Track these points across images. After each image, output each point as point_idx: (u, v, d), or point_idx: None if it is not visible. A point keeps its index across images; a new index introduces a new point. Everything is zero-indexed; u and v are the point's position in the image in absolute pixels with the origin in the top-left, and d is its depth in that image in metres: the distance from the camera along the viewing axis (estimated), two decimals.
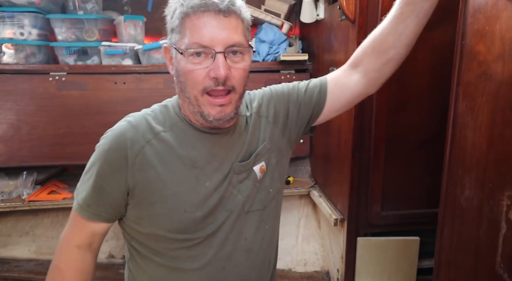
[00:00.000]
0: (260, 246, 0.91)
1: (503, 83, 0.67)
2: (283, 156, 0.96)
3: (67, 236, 0.90)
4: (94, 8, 1.93)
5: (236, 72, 0.77)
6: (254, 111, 0.93)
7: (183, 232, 0.83)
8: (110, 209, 0.85)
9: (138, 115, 0.86)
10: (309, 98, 0.94)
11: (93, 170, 0.83)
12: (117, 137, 0.82)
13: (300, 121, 0.96)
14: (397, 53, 0.85)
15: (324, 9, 1.68)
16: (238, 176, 0.87)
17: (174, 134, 0.84)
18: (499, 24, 0.67)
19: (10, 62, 1.80)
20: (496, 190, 0.69)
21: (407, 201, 1.48)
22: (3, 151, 1.79)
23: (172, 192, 0.82)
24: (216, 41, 0.74)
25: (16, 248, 1.96)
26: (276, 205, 0.95)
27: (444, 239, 0.86)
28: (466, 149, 0.77)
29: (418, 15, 0.79)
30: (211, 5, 0.74)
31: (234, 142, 0.88)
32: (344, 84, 0.93)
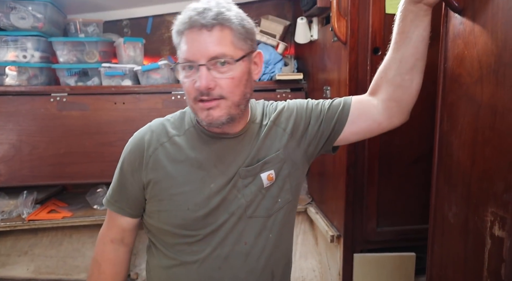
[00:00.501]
0: (261, 253, 0.92)
1: (482, 104, 0.70)
2: (297, 169, 0.97)
3: (102, 232, 1.01)
4: (95, 31, 2.00)
5: (223, 81, 0.81)
6: (271, 120, 0.96)
7: (185, 228, 0.90)
8: (133, 204, 0.95)
9: (158, 120, 0.96)
10: (331, 115, 0.95)
11: (118, 168, 0.96)
12: (137, 140, 0.93)
13: (320, 137, 0.97)
14: (403, 80, 0.86)
15: (317, 30, 1.74)
16: (243, 180, 0.90)
17: (186, 138, 0.92)
18: (476, 49, 0.72)
19: (12, 84, 1.85)
20: (480, 206, 0.71)
21: (402, 217, 1.50)
22: (4, 171, 1.82)
23: (179, 191, 0.89)
24: (198, 55, 0.80)
25: (15, 267, 1.95)
26: (285, 216, 0.95)
27: (435, 254, 0.88)
28: (451, 167, 0.80)
29: (411, 41, 0.83)
30: (194, 22, 0.80)
31: (243, 147, 0.92)
32: (367, 107, 0.93)
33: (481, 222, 0.71)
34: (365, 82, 1.39)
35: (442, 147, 0.84)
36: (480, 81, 0.71)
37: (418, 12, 0.80)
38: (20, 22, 1.81)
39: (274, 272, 0.96)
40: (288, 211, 0.96)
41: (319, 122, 0.96)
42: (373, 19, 1.34)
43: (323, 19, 1.70)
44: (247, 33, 0.85)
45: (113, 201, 0.96)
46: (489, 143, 0.69)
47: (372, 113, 0.93)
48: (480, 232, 0.71)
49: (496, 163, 0.67)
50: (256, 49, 0.90)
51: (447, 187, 0.82)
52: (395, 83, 0.88)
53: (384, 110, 0.91)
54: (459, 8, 0.76)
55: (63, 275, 1.96)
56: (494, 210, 0.68)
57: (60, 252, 2.00)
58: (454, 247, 0.80)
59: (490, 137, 0.68)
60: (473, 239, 0.74)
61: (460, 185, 0.78)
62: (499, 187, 0.66)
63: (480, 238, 0.71)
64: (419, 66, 0.86)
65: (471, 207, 0.74)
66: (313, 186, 2.00)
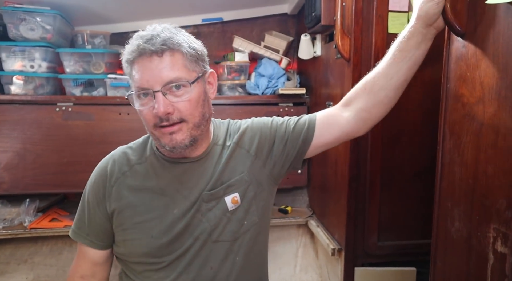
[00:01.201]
0: (227, 277, 0.90)
1: (484, 123, 0.73)
2: (263, 190, 0.95)
3: (72, 268, 0.98)
4: (102, 42, 2.04)
5: (181, 105, 0.82)
6: (234, 142, 0.94)
7: (150, 256, 0.89)
8: (101, 236, 0.94)
9: (121, 148, 0.98)
10: (297, 134, 0.95)
11: (83, 201, 0.96)
12: (100, 171, 0.95)
13: (286, 157, 0.96)
14: (386, 96, 0.89)
15: (320, 47, 1.78)
16: (207, 204, 0.89)
17: (148, 165, 0.92)
18: (478, 71, 0.75)
19: (19, 93, 1.87)
20: (483, 223, 0.73)
21: (403, 231, 1.52)
22: (8, 179, 1.83)
23: (142, 219, 0.89)
24: (152, 82, 0.81)
25: (14, 276, 1.95)
26: (253, 238, 0.94)
27: (437, 270, 0.90)
28: (454, 183, 0.83)
29: (409, 61, 0.85)
30: (143, 50, 0.80)
31: (205, 170, 0.91)
32: (334, 121, 0.95)
33: (483, 238, 0.73)
34: None
35: (444, 164, 0.87)
36: (482, 101, 0.74)
37: (426, 35, 0.83)
38: (29, 33, 1.85)
39: None
40: (255, 232, 0.94)
41: (284, 142, 0.96)
42: (376, 38, 1.38)
43: (327, 36, 1.75)
44: (198, 55, 0.86)
45: (80, 232, 0.95)
46: (491, 161, 0.71)
47: (340, 124, 0.94)
48: (483, 248, 0.73)
49: (498, 180, 0.69)
50: (208, 70, 0.91)
51: (450, 203, 0.84)
52: (377, 97, 0.90)
53: (355, 121, 0.93)
54: (461, 32, 0.80)
55: None
56: (496, 226, 0.70)
57: (60, 261, 2.00)
58: (457, 262, 0.82)
59: (492, 156, 0.71)
60: (476, 255, 0.75)
61: (462, 201, 0.80)
62: (501, 204, 0.69)
63: (482, 254, 0.73)
64: (403, 88, 0.89)
65: (473, 223, 0.76)
66: (314, 199, 2.02)
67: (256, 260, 0.97)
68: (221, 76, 2.06)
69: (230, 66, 2.01)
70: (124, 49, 0.86)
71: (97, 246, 0.95)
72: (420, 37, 0.83)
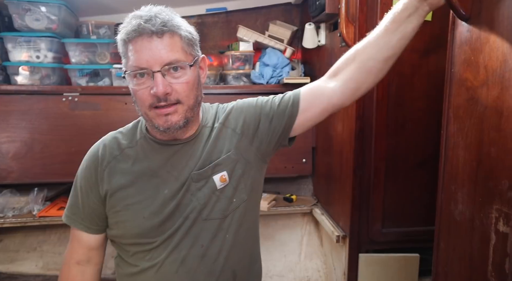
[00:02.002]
0: (218, 254, 0.92)
1: (488, 107, 0.74)
2: (251, 168, 0.96)
3: (67, 254, 0.99)
4: (107, 33, 2.05)
5: (179, 86, 0.84)
6: (220, 122, 0.96)
7: (143, 237, 0.91)
8: (95, 220, 0.96)
9: (111, 134, 1.00)
10: (282, 111, 0.95)
11: (75, 186, 0.97)
12: (91, 156, 0.97)
13: (272, 134, 0.97)
14: (375, 67, 0.88)
15: (325, 36, 1.78)
16: (196, 184, 0.91)
17: (139, 148, 0.94)
18: (483, 55, 0.76)
19: (25, 83, 1.89)
20: (486, 204, 0.75)
21: (407, 218, 1.53)
22: (17, 168, 1.86)
23: (133, 200, 0.91)
24: (152, 62, 0.81)
25: (24, 263, 1.99)
26: (242, 216, 0.95)
27: (441, 251, 0.91)
28: (458, 167, 0.84)
29: (400, 33, 0.85)
30: (144, 29, 0.80)
31: (194, 151, 0.93)
32: (320, 92, 0.95)
33: (486, 219, 0.75)
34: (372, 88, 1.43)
35: (448, 147, 0.88)
36: (486, 85, 0.75)
37: (418, 10, 0.82)
38: (35, 23, 1.86)
39: (236, 272, 0.95)
40: (244, 210, 0.95)
41: (270, 119, 0.96)
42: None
43: (331, 25, 1.75)
44: (193, 39, 0.88)
45: (75, 217, 0.96)
46: (494, 143, 0.72)
47: (326, 95, 0.93)
48: (485, 229, 0.75)
49: (501, 162, 0.71)
50: (201, 55, 0.92)
51: (454, 186, 0.86)
52: (365, 67, 0.89)
53: (342, 91, 0.92)
54: (466, 16, 0.80)
55: None
56: (499, 207, 0.71)
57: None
58: (460, 243, 0.83)
59: (496, 138, 0.72)
60: (479, 235, 0.77)
61: (466, 183, 0.81)
62: (504, 185, 0.70)
63: (485, 234, 0.75)
64: (392, 60, 0.88)
65: (476, 204, 0.78)
66: (318, 187, 2.04)
67: (246, 237, 0.98)
68: (225, 66, 2.07)
69: (235, 56, 2.02)
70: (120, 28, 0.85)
71: (92, 230, 0.96)
72: (413, 10, 0.83)
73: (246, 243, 0.98)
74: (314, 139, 2.02)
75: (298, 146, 1.98)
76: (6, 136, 1.86)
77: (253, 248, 1.02)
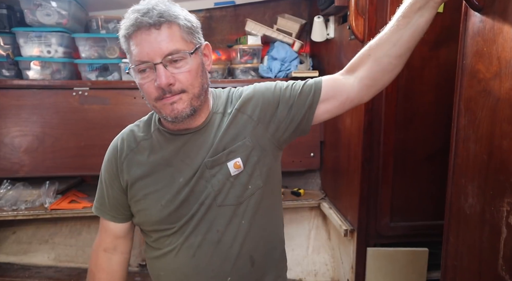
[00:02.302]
0: (233, 239, 0.93)
1: (500, 98, 0.73)
2: (266, 155, 0.96)
3: (96, 242, 1.05)
4: (116, 27, 2.05)
5: (182, 76, 0.84)
6: (236, 108, 0.95)
7: (161, 223, 0.95)
8: (119, 209, 1.00)
9: (128, 127, 1.03)
10: (303, 99, 0.94)
11: (101, 179, 1.02)
12: (112, 149, 1.01)
13: (291, 121, 0.95)
14: (390, 63, 0.88)
15: (334, 29, 1.77)
16: (210, 171, 0.92)
17: (154, 140, 0.97)
18: (496, 46, 0.74)
19: (36, 78, 1.91)
20: (497, 197, 0.74)
21: (416, 212, 1.53)
22: (28, 162, 1.89)
23: (151, 190, 0.94)
24: (152, 54, 0.82)
25: (36, 255, 2.03)
26: (258, 202, 0.95)
27: (450, 244, 0.91)
28: (468, 160, 0.83)
29: (412, 28, 0.84)
30: (141, 23, 0.81)
31: (206, 139, 0.94)
32: (339, 86, 0.94)
33: (497, 212, 0.74)
34: None
35: (459, 140, 0.87)
36: (499, 76, 0.74)
37: (429, 2, 0.81)
38: (45, 18, 1.88)
39: (253, 257, 0.96)
40: (260, 197, 0.95)
41: (289, 107, 0.95)
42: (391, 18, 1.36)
43: (340, 17, 1.73)
44: (194, 27, 0.87)
45: (102, 208, 1.01)
46: (506, 136, 0.71)
47: (346, 90, 0.93)
48: (496, 222, 0.74)
49: None
50: (203, 42, 0.92)
51: (464, 179, 0.85)
52: (381, 64, 0.88)
53: (360, 88, 0.92)
54: (479, 7, 0.79)
55: (82, 263, 2.03)
56: (510, 200, 0.70)
57: (79, 241, 2.07)
58: (470, 237, 0.83)
59: (508, 130, 0.71)
60: (489, 229, 0.76)
61: (476, 177, 0.80)
62: None
63: (496, 227, 0.74)
64: (407, 56, 0.88)
65: (487, 198, 0.77)
66: (326, 182, 2.04)
67: (264, 223, 0.98)
68: (233, 60, 2.06)
69: (243, 50, 2.01)
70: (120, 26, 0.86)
71: (117, 219, 1.01)
72: (423, 3, 0.81)
73: (263, 230, 0.98)
74: (322, 133, 2.01)
75: (306, 140, 1.98)
76: (18, 130, 1.89)
77: (272, 235, 1.02)
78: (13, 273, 1.92)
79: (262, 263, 0.98)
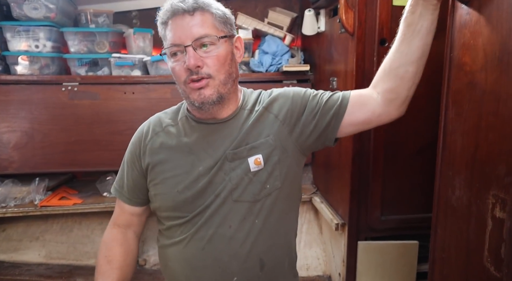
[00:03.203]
0: (245, 238, 0.92)
1: (486, 91, 0.73)
2: (288, 156, 0.96)
3: (111, 219, 1.09)
4: (105, 21, 2.03)
5: (209, 60, 0.88)
6: (263, 106, 0.97)
7: (175, 210, 0.96)
8: (137, 192, 1.04)
9: (156, 115, 1.06)
10: (328, 108, 0.96)
11: (123, 162, 1.06)
12: (138, 133, 1.05)
13: (314, 128, 0.96)
14: (407, 72, 0.88)
15: (324, 22, 1.76)
16: (230, 164, 0.93)
17: (180, 126, 1.00)
18: (482, 38, 0.74)
19: (25, 73, 1.89)
20: (483, 189, 0.74)
21: (406, 205, 1.53)
22: (17, 158, 1.87)
23: (170, 174, 0.96)
24: (183, 38, 0.87)
25: (27, 252, 2.01)
26: (274, 203, 0.94)
27: (438, 237, 0.91)
28: (456, 152, 0.83)
29: (419, 33, 0.84)
30: (177, 9, 0.87)
31: (231, 131, 0.95)
32: (366, 100, 0.95)
33: (483, 205, 0.74)
34: (371, 73, 1.41)
35: (446, 133, 0.87)
36: (485, 69, 0.74)
37: (428, 6, 0.81)
38: (33, 12, 1.85)
39: (263, 261, 0.94)
40: (276, 198, 0.95)
41: (314, 114, 0.96)
42: (381, 11, 1.36)
43: (331, 11, 1.73)
44: (226, 17, 0.92)
45: (120, 189, 1.05)
46: (492, 128, 0.71)
47: (371, 105, 0.94)
48: (482, 214, 0.75)
49: (499, 147, 0.70)
50: (236, 34, 0.96)
51: (451, 172, 0.85)
52: (398, 75, 0.89)
53: (384, 102, 0.92)
54: None
55: (73, 260, 2.02)
56: (495, 192, 0.71)
57: (70, 238, 2.06)
58: (457, 229, 0.83)
59: (494, 122, 0.71)
60: (475, 221, 0.77)
61: (463, 169, 0.81)
62: (501, 171, 0.69)
63: (482, 220, 0.75)
64: (423, 60, 0.88)
65: (474, 190, 0.77)
66: (318, 176, 2.04)
67: (277, 226, 0.96)
68: None
69: None
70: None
71: (133, 202, 1.04)
72: (422, 9, 0.82)
73: (276, 233, 0.96)
74: None
75: None
76: (6, 126, 1.86)
77: (284, 241, 1.00)
78: (3, 271, 1.91)
79: (271, 270, 0.96)
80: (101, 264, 1.01)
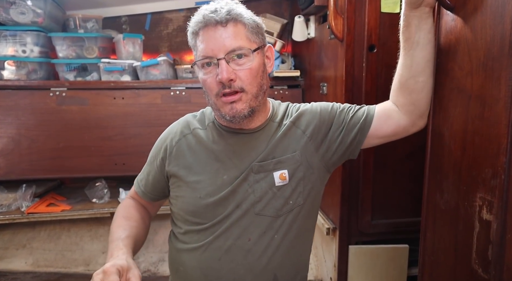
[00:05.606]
0: (262, 252, 0.91)
1: (472, 96, 0.74)
2: (312, 173, 0.96)
3: (128, 193, 1.12)
4: (94, 27, 2.02)
5: (242, 73, 0.87)
6: (291, 120, 0.97)
7: (195, 215, 0.94)
8: (157, 191, 1.05)
9: (186, 116, 1.06)
10: (354, 123, 0.96)
11: (150, 156, 1.06)
12: (167, 132, 1.04)
13: (340, 144, 0.97)
14: (417, 82, 0.88)
15: (314, 28, 1.78)
16: (255, 176, 0.92)
17: (208, 132, 0.99)
18: (467, 44, 0.76)
19: (11, 78, 1.86)
20: (470, 192, 0.75)
21: (396, 210, 1.54)
22: (3, 164, 1.84)
23: (194, 179, 0.95)
24: (216, 50, 0.85)
25: (13, 261, 1.97)
26: (295, 220, 0.94)
27: (427, 240, 0.92)
28: (443, 156, 0.85)
29: (418, 45, 0.85)
30: (209, 20, 0.85)
31: (259, 143, 0.95)
32: (390, 114, 0.95)
33: (470, 208, 0.75)
34: (360, 79, 1.43)
35: (434, 138, 0.88)
36: (470, 74, 0.75)
37: (421, 15, 0.82)
38: (20, 17, 1.83)
39: (277, 276, 0.93)
40: (297, 215, 0.94)
41: (340, 130, 0.97)
42: (369, 18, 1.38)
43: (320, 17, 1.74)
44: (258, 27, 0.90)
45: (139, 182, 1.08)
46: (478, 132, 0.73)
47: (396, 118, 0.94)
48: (470, 217, 0.75)
49: (485, 150, 0.71)
50: (267, 44, 0.95)
51: (439, 175, 0.86)
52: (409, 87, 0.89)
53: (406, 115, 0.93)
54: (451, 6, 0.80)
55: (62, 268, 1.98)
56: (482, 195, 0.72)
57: (58, 245, 2.02)
58: (445, 233, 0.84)
59: (480, 126, 0.72)
60: (463, 224, 0.78)
61: (451, 173, 0.82)
62: (487, 173, 0.70)
63: (469, 222, 0.76)
64: (430, 67, 0.88)
65: (461, 193, 0.78)
66: None
67: (295, 243, 0.96)
68: None
69: None
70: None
71: (146, 197, 1.07)
72: (416, 20, 0.83)
73: (293, 250, 0.96)
74: None
75: None
76: None
77: (299, 258, 0.99)
78: None
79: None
80: (119, 220, 1.00)
